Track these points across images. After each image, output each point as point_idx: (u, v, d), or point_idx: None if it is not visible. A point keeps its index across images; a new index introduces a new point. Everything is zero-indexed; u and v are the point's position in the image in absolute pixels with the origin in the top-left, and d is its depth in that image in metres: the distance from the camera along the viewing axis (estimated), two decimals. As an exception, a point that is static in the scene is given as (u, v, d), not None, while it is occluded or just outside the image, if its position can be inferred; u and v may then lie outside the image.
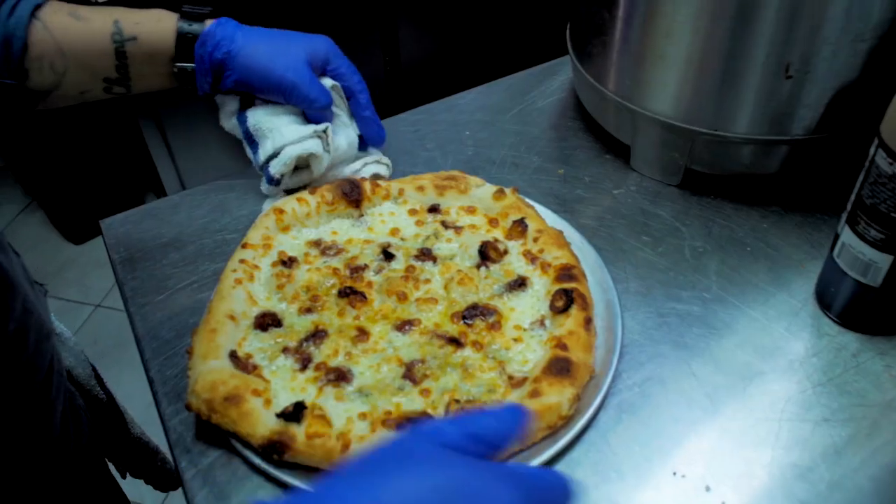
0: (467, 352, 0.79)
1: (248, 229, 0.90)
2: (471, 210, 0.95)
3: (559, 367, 0.73)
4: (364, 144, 1.03)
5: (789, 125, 0.91)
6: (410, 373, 0.77)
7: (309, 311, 0.83)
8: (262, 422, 0.71)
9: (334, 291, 0.85)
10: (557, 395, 0.72)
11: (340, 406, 0.74)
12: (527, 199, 0.95)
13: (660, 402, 0.76)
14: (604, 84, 1.01)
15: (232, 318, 0.80)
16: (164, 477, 1.12)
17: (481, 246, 0.88)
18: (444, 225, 0.93)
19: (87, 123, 2.61)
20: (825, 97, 0.88)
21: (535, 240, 0.88)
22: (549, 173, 1.04)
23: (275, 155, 0.95)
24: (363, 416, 0.73)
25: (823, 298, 0.84)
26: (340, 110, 0.99)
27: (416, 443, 0.42)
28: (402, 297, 0.84)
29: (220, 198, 1.02)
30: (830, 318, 0.83)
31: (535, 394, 0.72)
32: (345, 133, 0.99)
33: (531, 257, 0.87)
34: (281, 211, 0.92)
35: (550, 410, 0.71)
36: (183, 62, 0.90)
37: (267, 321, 0.81)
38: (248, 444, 0.72)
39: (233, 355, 0.77)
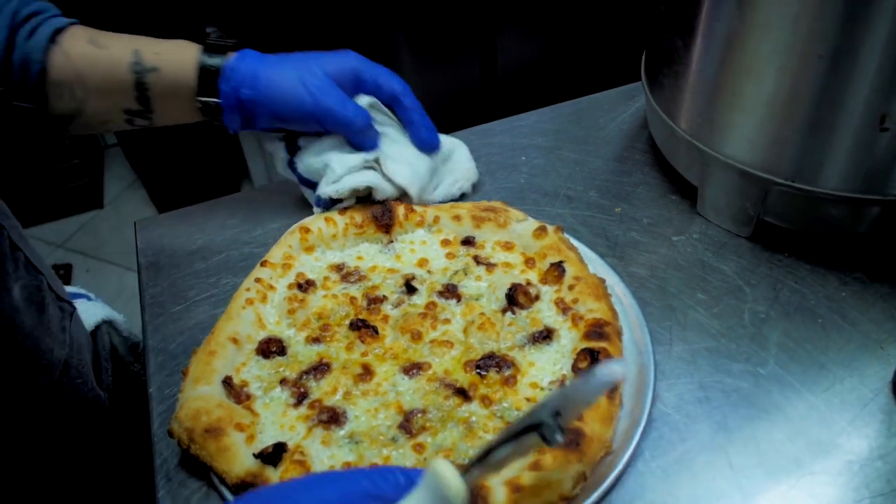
0: (474, 406, 0.72)
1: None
2: (508, 246, 0.87)
3: (568, 440, 0.65)
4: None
5: (884, 183, 0.78)
6: (408, 423, 0.70)
7: (317, 340, 0.79)
8: (239, 459, 0.67)
9: (347, 322, 0.80)
10: (559, 472, 0.64)
11: (326, 451, 0.69)
12: (572, 240, 0.87)
13: (684, 492, 0.67)
14: (674, 119, 0.91)
15: (235, 340, 0.77)
16: None
17: (510, 289, 0.81)
18: (477, 260, 0.86)
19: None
20: (929, 155, 0.75)
21: (571, 287, 0.80)
22: (604, 211, 0.95)
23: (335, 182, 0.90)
24: (347, 466, 0.68)
25: (902, 391, 0.72)
26: (388, 125, 0.94)
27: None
28: (417, 337, 0.78)
29: (257, 206, 0.99)
30: (907, 416, 0.71)
31: (535, 466, 0.64)
32: (402, 156, 0.92)
33: (563, 307, 0.79)
34: (307, 230, 0.88)
35: (550, 488, 0.63)
36: (206, 97, 0.86)
37: (271, 348, 0.78)
38: (224, 481, 0.68)
39: (227, 382, 0.73)
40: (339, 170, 0.89)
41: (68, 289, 0.93)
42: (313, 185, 0.93)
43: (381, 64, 0.91)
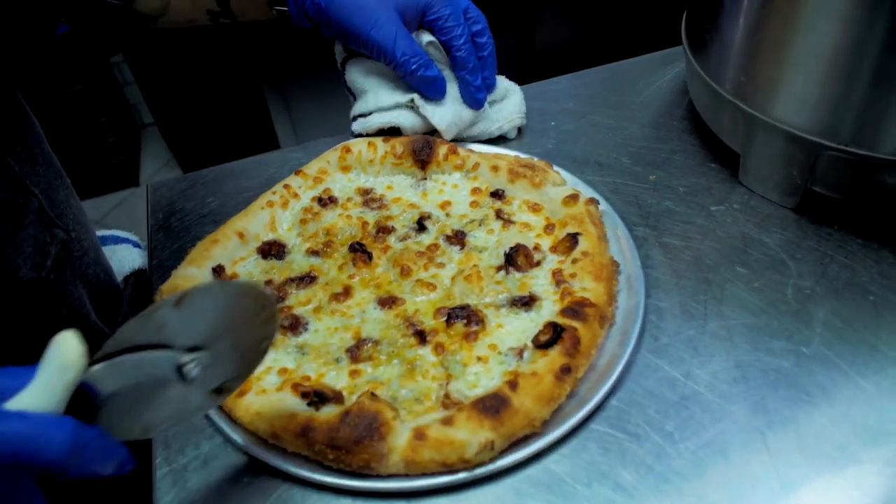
0: (426, 351, 0.69)
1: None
2: (535, 207, 0.83)
3: (489, 405, 0.61)
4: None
5: (952, 149, 0.71)
6: (357, 349, 0.69)
7: (316, 253, 0.80)
8: None
9: (349, 244, 0.80)
10: (468, 433, 0.59)
11: (271, 354, 0.69)
12: (605, 217, 0.81)
13: (716, 478, 0.61)
14: (718, 80, 0.84)
15: (241, 235, 0.79)
16: None
17: (512, 248, 0.77)
18: (498, 214, 0.82)
19: (221, 89, 2.69)
20: None
21: (575, 261, 0.74)
22: (638, 178, 0.89)
23: (363, 115, 0.92)
24: (283, 371, 0.68)
25: (963, 376, 0.65)
26: (442, 66, 0.91)
27: None
28: (406, 273, 0.77)
29: (275, 170, 0.95)
30: (969, 403, 0.64)
31: (447, 421, 0.60)
32: (448, 98, 0.90)
33: (559, 279, 0.74)
34: (348, 150, 0.88)
35: (452, 446, 0.59)
36: (278, 5, 0.89)
37: (272, 250, 0.79)
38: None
39: (216, 270, 0.75)
40: (371, 103, 0.91)
41: (118, 232, 0.95)
42: (353, 96, 0.96)
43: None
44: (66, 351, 0.44)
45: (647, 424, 0.64)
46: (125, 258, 0.93)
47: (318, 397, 0.63)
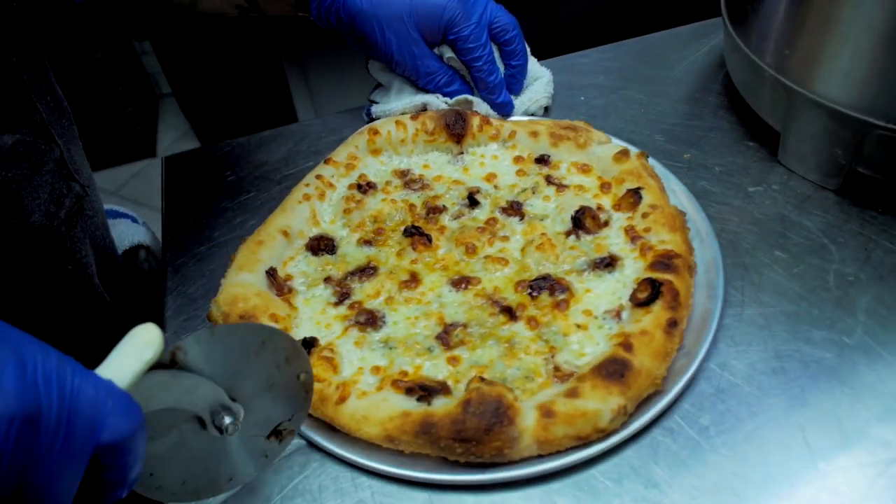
0: (519, 327, 0.66)
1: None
2: (585, 168, 0.80)
3: (612, 370, 0.59)
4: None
5: None
6: (447, 335, 0.66)
7: (368, 243, 0.76)
8: None
9: (401, 228, 0.77)
10: (598, 402, 0.57)
11: (356, 353, 0.65)
12: (658, 168, 0.79)
13: (753, 474, 0.58)
14: (759, 54, 0.80)
15: (286, 233, 0.75)
16: None
17: (578, 211, 0.74)
18: (549, 180, 0.80)
19: (239, 61, 2.66)
20: None
21: (645, 216, 0.72)
22: (671, 157, 0.85)
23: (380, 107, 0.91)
24: (376, 370, 0.64)
25: None
26: (467, 76, 0.90)
27: None
28: (471, 251, 0.74)
29: (291, 146, 0.93)
30: None
31: (572, 393, 0.58)
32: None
33: (633, 235, 0.72)
34: (375, 132, 0.84)
35: (584, 417, 0.57)
36: (303, 12, 0.88)
37: (321, 245, 0.75)
38: None
39: (270, 273, 0.71)
40: (393, 98, 0.90)
41: (114, 206, 0.93)
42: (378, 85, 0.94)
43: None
44: (147, 332, 0.44)
45: (681, 418, 0.61)
46: (125, 232, 0.91)
47: (424, 391, 0.60)
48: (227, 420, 0.49)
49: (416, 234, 0.75)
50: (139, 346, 0.44)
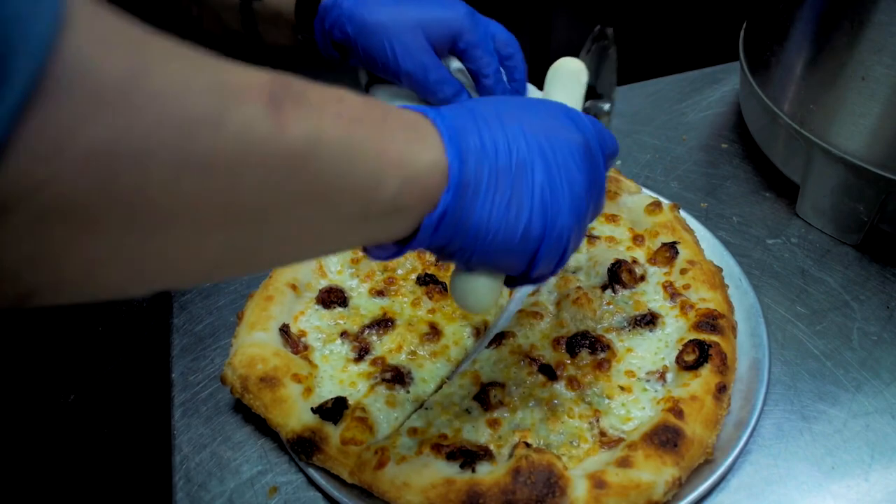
0: (560, 388, 0.64)
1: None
2: (614, 219, 0.78)
3: (665, 439, 0.56)
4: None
5: None
6: (485, 396, 0.63)
7: (381, 293, 0.73)
8: (296, 413, 0.60)
9: (413, 276, 0.74)
10: (652, 473, 0.55)
11: (390, 413, 0.62)
12: (688, 221, 0.78)
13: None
14: (777, 103, 0.79)
15: (294, 287, 0.71)
16: None
17: (613, 264, 0.72)
18: None
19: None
20: None
21: (684, 272, 0.71)
22: (688, 204, 0.84)
23: None
24: (413, 432, 0.61)
25: None
26: (472, 92, 0.86)
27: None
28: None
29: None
30: None
31: (624, 462, 0.55)
32: None
33: (672, 292, 0.70)
34: None
35: (638, 489, 0.54)
36: (304, 33, 0.85)
37: (332, 298, 0.72)
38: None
39: (284, 329, 0.67)
40: None
41: None
42: None
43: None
44: (573, 62, 0.62)
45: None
46: None
47: (467, 456, 0.57)
48: None
49: (430, 283, 0.72)
50: (573, 74, 0.59)
